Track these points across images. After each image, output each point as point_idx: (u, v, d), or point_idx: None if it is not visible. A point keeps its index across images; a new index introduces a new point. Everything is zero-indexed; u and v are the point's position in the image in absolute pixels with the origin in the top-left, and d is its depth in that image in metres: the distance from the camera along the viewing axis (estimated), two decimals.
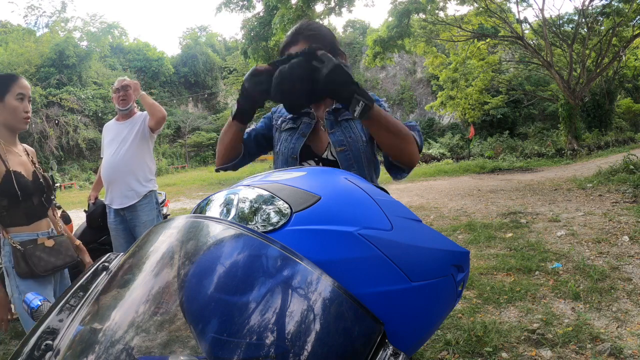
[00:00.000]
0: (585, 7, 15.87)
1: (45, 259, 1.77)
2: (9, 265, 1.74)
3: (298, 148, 1.33)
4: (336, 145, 1.30)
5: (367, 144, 1.33)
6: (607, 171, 8.56)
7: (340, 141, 1.30)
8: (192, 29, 42.73)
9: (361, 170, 1.31)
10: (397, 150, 1.15)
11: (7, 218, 1.73)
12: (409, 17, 12.05)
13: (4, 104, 1.73)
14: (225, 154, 1.32)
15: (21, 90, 1.75)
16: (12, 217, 1.74)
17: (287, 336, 0.49)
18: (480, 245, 4.51)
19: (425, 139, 25.63)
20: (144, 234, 0.67)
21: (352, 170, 1.29)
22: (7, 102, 1.73)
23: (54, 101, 24.16)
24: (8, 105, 1.73)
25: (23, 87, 1.76)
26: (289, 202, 0.60)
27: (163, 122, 2.92)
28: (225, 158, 1.33)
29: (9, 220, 1.74)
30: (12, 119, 1.75)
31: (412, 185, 11.01)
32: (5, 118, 1.74)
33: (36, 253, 1.75)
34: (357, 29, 36.61)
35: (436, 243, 0.65)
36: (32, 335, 0.56)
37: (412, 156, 1.16)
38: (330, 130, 1.32)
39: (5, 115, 1.74)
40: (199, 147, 31.29)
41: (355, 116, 1.03)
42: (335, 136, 1.31)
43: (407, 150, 1.14)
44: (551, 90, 22.45)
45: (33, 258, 1.73)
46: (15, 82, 1.74)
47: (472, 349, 2.36)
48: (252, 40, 11.61)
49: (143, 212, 2.84)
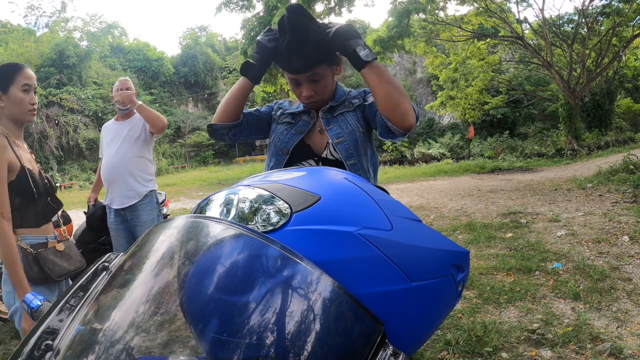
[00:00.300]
0: (585, 7, 15.87)
1: (58, 263, 1.68)
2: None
3: (292, 144, 1.35)
4: (334, 138, 1.32)
5: (364, 135, 1.35)
6: (607, 171, 8.56)
7: (338, 133, 1.32)
8: (192, 29, 42.75)
9: (360, 160, 1.32)
10: (393, 102, 1.16)
11: (17, 219, 1.62)
12: (409, 17, 12.04)
13: (8, 95, 1.62)
14: (225, 108, 1.31)
15: (26, 81, 1.65)
16: (22, 218, 1.63)
17: (287, 336, 0.49)
18: (480, 245, 4.50)
19: (425, 138, 25.67)
20: (143, 234, 0.67)
21: (351, 160, 1.31)
22: (11, 94, 1.63)
23: (54, 101, 24.17)
24: (13, 97, 1.63)
25: (28, 78, 1.66)
26: (289, 202, 0.60)
27: (164, 130, 2.89)
28: (225, 114, 1.31)
29: (19, 221, 1.63)
30: (17, 112, 1.64)
31: (412, 185, 11.01)
32: (11, 111, 1.64)
33: (50, 257, 1.65)
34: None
35: (436, 243, 0.65)
36: (32, 335, 0.56)
37: (407, 113, 1.16)
38: (327, 127, 1.34)
39: (11, 107, 1.63)
40: (199, 147, 31.30)
41: (363, 59, 1.13)
42: (332, 131, 1.33)
43: (403, 105, 1.16)
44: (551, 90, 22.45)
45: (47, 262, 1.63)
46: (20, 73, 1.64)
47: (472, 349, 2.36)
48: (252, 40, 11.60)
49: (144, 211, 2.84)
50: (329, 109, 1.37)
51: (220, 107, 1.33)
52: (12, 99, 1.63)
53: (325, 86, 1.32)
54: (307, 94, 1.30)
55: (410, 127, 1.18)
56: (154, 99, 31.53)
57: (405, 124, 1.17)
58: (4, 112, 1.64)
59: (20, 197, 1.62)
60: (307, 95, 1.30)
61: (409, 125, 1.17)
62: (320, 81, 1.29)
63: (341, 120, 1.34)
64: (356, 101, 1.37)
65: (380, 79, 1.15)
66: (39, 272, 1.62)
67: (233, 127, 1.34)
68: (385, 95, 1.16)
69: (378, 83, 1.15)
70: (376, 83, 1.16)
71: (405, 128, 1.18)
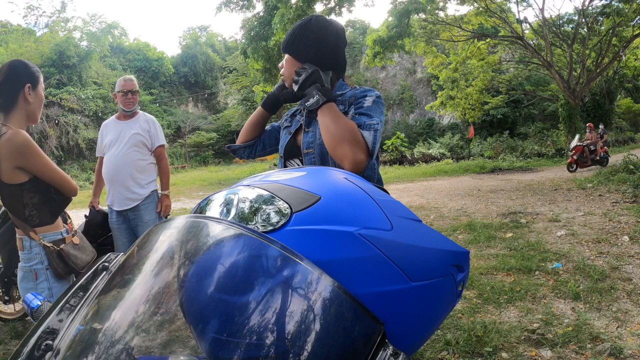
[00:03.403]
0: (585, 7, 15.87)
1: (79, 256, 1.74)
2: (41, 267, 1.67)
3: (284, 145, 1.44)
4: (304, 148, 1.36)
5: None
6: (607, 171, 8.57)
7: (309, 143, 1.35)
8: (192, 29, 42.70)
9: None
10: (331, 147, 1.22)
11: (36, 217, 1.66)
12: (409, 17, 12.04)
13: (37, 93, 1.68)
14: (244, 132, 1.55)
15: (43, 85, 1.75)
16: (40, 216, 1.67)
17: (287, 336, 0.49)
18: (480, 245, 4.50)
19: (425, 138, 25.66)
20: (143, 234, 0.66)
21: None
22: (38, 92, 1.69)
23: (54, 101, 24.15)
24: (39, 95, 1.70)
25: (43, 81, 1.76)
26: (289, 202, 0.60)
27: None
28: (244, 136, 1.55)
29: (37, 220, 1.66)
30: (38, 110, 1.71)
31: (412, 185, 11.01)
32: (34, 108, 1.69)
33: (71, 251, 1.71)
34: (357, 29, 36.57)
35: (436, 243, 0.65)
36: (32, 335, 0.56)
37: (342, 159, 1.19)
38: (307, 129, 1.37)
39: (36, 105, 1.69)
40: (199, 147, 31.27)
41: (305, 106, 1.28)
42: (307, 136, 1.36)
43: (339, 152, 1.20)
44: (551, 90, 22.45)
45: (70, 257, 1.69)
46: (41, 74, 1.73)
47: (472, 349, 2.36)
48: (252, 40, 11.61)
49: (146, 211, 2.84)
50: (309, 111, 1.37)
51: (241, 132, 1.57)
52: (38, 97, 1.70)
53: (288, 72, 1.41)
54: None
55: (351, 168, 1.18)
56: (154, 99, 31.53)
57: (343, 166, 1.19)
58: (27, 108, 1.67)
59: (39, 195, 1.65)
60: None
61: (347, 166, 1.18)
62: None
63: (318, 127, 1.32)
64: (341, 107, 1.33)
65: (322, 125, 1.24)
66: (64, 266, 1.69)
67: (246, 147, 1.56)
68: (325, 138, 1.23)
69: (321, 127, 1.25)
70: (321, 126, 1.25)
71: (345, 169, 1.18)
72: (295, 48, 1.35)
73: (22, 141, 1.57)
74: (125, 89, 2.86)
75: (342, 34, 1.38)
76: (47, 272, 1.67)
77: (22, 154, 1.57)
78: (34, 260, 1.67)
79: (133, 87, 2.87)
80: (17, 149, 1.56)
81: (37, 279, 1.67)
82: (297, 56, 1.36)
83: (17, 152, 1.56)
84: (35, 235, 1.66)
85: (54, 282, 1.68)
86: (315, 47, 1.33)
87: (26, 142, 1.58)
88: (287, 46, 1.38)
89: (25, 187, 1.61)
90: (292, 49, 1.36)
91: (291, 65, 1.38)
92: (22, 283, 1.71)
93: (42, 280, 1.67)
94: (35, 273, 1.67)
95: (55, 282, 1.68)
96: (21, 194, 1.61)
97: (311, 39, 1.33)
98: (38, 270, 1.67)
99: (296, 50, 1.36)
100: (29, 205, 1.63)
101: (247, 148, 1.56)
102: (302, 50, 1.35)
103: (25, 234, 1.68)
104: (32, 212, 1.64)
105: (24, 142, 1.57)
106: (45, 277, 1.67)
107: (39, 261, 1.67)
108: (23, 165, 1.59)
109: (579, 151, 11.18)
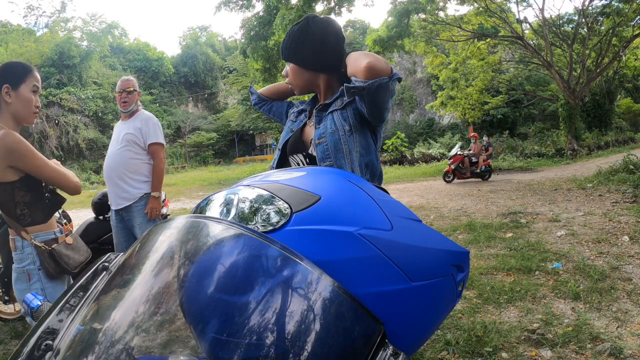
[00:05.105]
0: (585, 7, 15.87)
1: (71, 256, 1.72)
2: (33, 267, 1.65)
3: (283, 141, 1.45)
4: (316, 138, 1.36)
5: (349, 135, 1.33)
6: (607, 171, 8.56)
7: (321, 133, 1.35)
8: (193, 29, 42.69)
9: (338, 161, 1.32)
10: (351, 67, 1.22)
11: (27, 216, 1.64)
12: (409, 17, 12.04)
13: (18, 93, 1.64)
14: (268, 88, 1.69)
15: (36, 83, 1.68)
16: (32, 215, 1.65)
17: (287, 336, 0.49)
18: (480, 245, 4.50)
19: (425, 138, 25.66)
20: (144, 233, 0.66)
21: (326, 161, 1.33)
22: (21, 93, 1.64)
23: (54, 101, 24.16)
24: (22, 96, 1.65)
25: (37, 80, 1.70)
26: (289, 202, 0.60)
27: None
28: (266, 91, 1.69)
29: (29, 219, 1.65)
30: (23, 111, 1.66)
31: (412, 185, 11.00)
32: (17, 109, 1.65)
33: (63, 251, 1.69)
34: (357, 29, 36.58)
35: (436, 243, 0.65)
36: (32, 335, 0.56)
37: (362, 63, 1.16)
38: (317, 125, 1.38)
39: (18, 106, 1.65)
40: (199, 147, 31.27)
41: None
42: (318, 130, 1.37)
43: (362, 61, 1.17)
44: (551, 90, 22.43)
45: (62, 257, 1.67)
46: (32, 74, 1.67)
47: (472, 349, 2.36)
48: (251, 40, 11.61)
49: (138, 214, 2.81)
50: (322, 107, 1.39)
51: (270, 85, 1.70)
52: (21, 98, 1.65)
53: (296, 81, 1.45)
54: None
55: (368, 68, 1.14)
56: (154, 99, 31.52)
57: (361, 68, 1.16)
58: (9, 109, 1.65)
59: (30, 193, 1.64)
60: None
61: (364, 66, 1.15)
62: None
63: (330, 119, 1.36)
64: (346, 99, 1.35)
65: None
66: (56, 267, 1.67)
67: (261, 99, 1.69)
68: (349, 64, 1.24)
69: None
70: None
71: (363, 67, 1.16)
72: (300, 56, 1.36)
73: (12, 140, 1.56)
74: (120, 88, 2.87)
75: (340, 31, 1.38)
76: (39, 273, 1.65)
77: (12, 153, 1.56)
78: (26, 261, 1.66)
79: (127, 87, 2.86)
80: (7, 148, 1.55)
81: (30, 280, 1.66)
82: (302, 64, 1.37)
83: (8, 152, 1.56)
84: (27, 235, 1.64)
85: (47, 283, 1.66)
86: (319, 51, 1.33)
87: (16, 142, 1.57)
88: (289, 55, 1.37)
89: (16, 186, 1.61)
90: (296, 57, 1.37)
91: (297, 73, 1.39)
92: (16, 284, 1.69)
93: (35, 281, 1.65)
94: (28, 274, 1.66)
95: (49, 283, 1.66)
96: (12, 192, 1.60)
97: (313, 43, 1.32)
98: (31, 270, 1.65)
99: (300, 58, 1.36)
100: (21, 204, 1.62)
101: (260, 100, 1.69)
102: (307, 57, 1.35)
103: (17, 234, 1.67)
104: (24, 210, 1.63)
105: (13, 141, 1.56)
106: (38, 277, 1.65)
107: (31, 261, 1.65)
108: (15, 164, 1.58)
109: (457, 160, 10.56)
